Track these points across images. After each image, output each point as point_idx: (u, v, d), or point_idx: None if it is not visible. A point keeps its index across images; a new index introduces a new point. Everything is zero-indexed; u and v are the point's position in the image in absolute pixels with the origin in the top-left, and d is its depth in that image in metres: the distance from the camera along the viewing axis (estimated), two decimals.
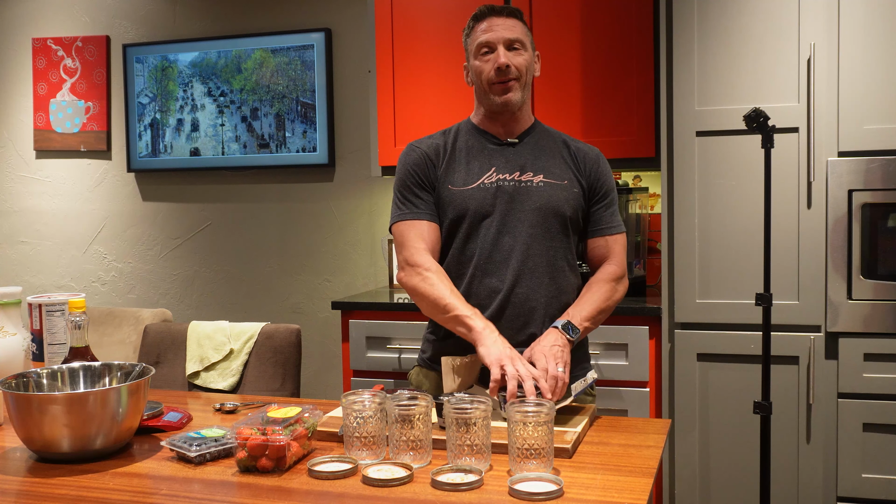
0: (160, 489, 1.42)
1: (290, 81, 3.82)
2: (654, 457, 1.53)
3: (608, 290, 1.94)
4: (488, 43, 1.92)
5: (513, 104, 1.94)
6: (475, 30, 1.96)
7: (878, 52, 2.48)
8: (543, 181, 1.94)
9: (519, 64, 1.92)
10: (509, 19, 1.93)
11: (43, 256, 4.35)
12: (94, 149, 4.20)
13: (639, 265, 3.13)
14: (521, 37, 1.93)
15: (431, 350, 2.02)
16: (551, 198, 1.93)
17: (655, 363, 2.78)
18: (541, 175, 1.95)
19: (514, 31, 1.92)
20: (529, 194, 1.93)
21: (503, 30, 1.92)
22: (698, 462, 2.71)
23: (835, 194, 2.53)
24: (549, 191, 1.93)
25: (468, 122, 2.05)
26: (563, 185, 1.95)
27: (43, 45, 4.24)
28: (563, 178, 1.96)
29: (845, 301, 2.54)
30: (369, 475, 1.41)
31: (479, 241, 1.93)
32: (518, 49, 1.93)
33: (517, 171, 1.95)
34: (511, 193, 1.92)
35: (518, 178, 1.94)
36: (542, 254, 1.92)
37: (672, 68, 2.68)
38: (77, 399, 1.54)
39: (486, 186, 1.93)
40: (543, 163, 1.97)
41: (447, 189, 1.95)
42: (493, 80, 1.92)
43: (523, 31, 1.95)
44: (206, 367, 2.67)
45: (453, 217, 1.94)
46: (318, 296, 3.90)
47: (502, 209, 1.92)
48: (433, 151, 1.99)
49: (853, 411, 2.55)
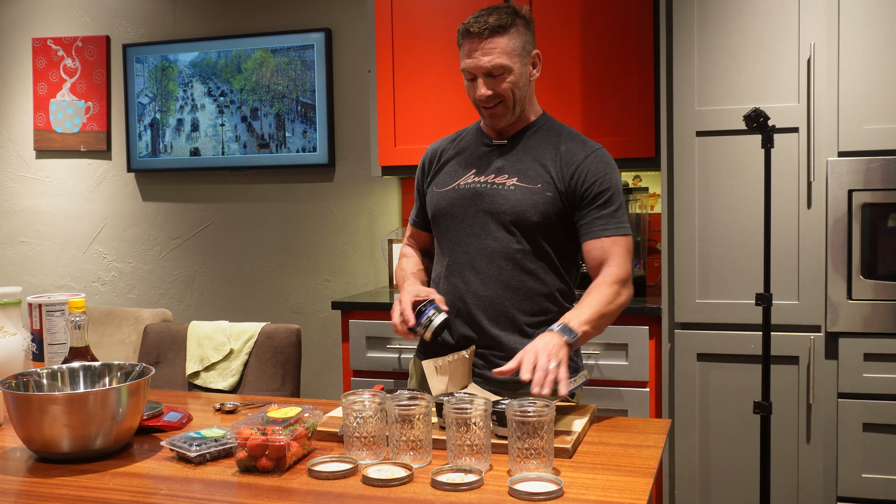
0: (160, 489, 1.42)
1: (290, 81, 3.82)
2: (654, 457, 1.53)
3: (610, 293, 1.82)
4: (469, 70, 1.88)
5: (500, 125, 1.94)
6: (462, 45, 1.89)
7: (878, 52, 2.49)
8: (516, 184, 1.89)
9: (503, 90, 1.87)
10: (491, 40, 1.83)
11: (43, 256, 4.35)
12: (94, 149, 4.20)
13: (639, 265, 3.14)
14: (502, 60, 1.83)
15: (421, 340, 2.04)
16: (519, 202, 1.87)
17: (655, 363, 2.78)
18: (515, 178, 1.90)
19: (494, 57, 1.83)
20: (496, 197, 1.90)
21: (483, 56, 1.84)
22: (698, 462, 2.71)
23: (835, 194, 2.53)
24: (517, 195, 1.88)
25: (477, 123, 2.06)
26: (536, 188, 1.88)
27: (43, 45, 4.24)
28: (536, 182, 1.88)
29: (845, 301, 2.54)
30: (369, 475, 1.41)
31: (449, 241, 1.96)
32: (501, 75, 1.85)
33: (493, 174, 1.93)
34: (481, 195, 1.91)
35: (492, 181, 1.92)
36: (508, 257, 1.89)
37: (672, 68, 2.68)
38: (77, 399, 1.54)
39: (461, 188, 1.94)
40: (522, 165, 1.92)
41: (432, 190, 2.02)
42: (479, 104, 1.92)
43: (507, 47, 1.84)
44: (206, 367, 2.67)
45: (431, 217, 2.02)
46: (318, 296, 3.90)
47: (470, 211, 1.92)
48: (431, 156, 2.07)
49: (853, 411, 2.55)
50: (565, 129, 1.99)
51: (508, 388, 1.84)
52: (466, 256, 1.92)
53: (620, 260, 1.87)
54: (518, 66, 1.87)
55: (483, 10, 1.89)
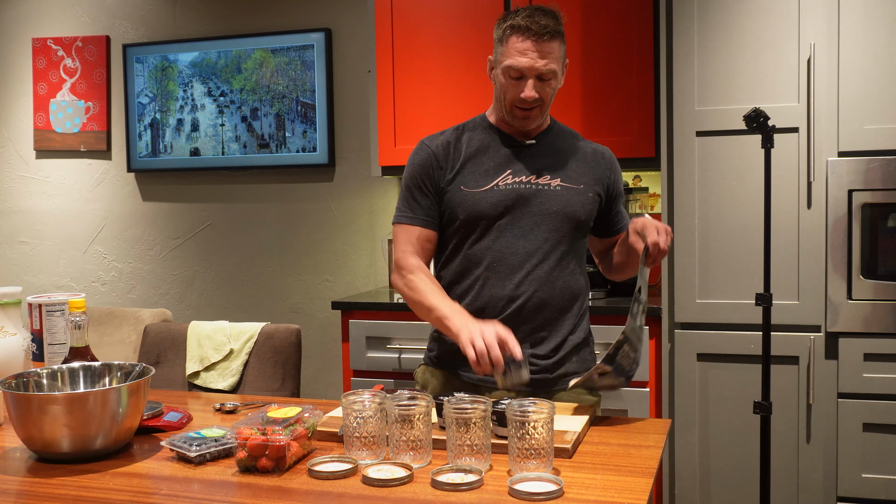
0: (160, 489, 1.42)
1: (290, 81, 3.82)
2: (654, 457, 1.53)
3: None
4: (520, 70, 1.83)
5: (530, 127, 1.93)
6: (510, 41, 1.83)
7: (878, 52, 2.48)
8: (560, 185, 1.92)
9: (546, 94, 1.87)
10: (549, 44, 1.82)
11: (43, 256, 4.35)
12: (94, 149, 4.20)
13: None
14: (555, 66, 1.83)
15: (438, 349, 2.01)
16: (568, 202, 1.92)
17: (655, 363, 2.78)
18: (558, 179, 1.93)
19: (550, 61, 1.82)
20: (546, 198, 1.91)
21: (540, 59, 1.81)
22: (698, 462, 2.71)
23: (835, 194, 2.53)
24: (566, 195, 1.92)
25: (483, 120, 2.01)
26: (580, 189, 1.94)
27: (43, 45, 4.24)
28: (579, 183, 1.94)
29: (845, 301, 2.54)
30: (369, 475, 1.41)
31: (491, 243, 1.90)
32: (549, 80, 1.85)
33: (534, 174, 1.92)
34: (527, 196, 1.90)
35: (535, 182, 1.92)
36: (557, 257, 1.91)
37: (672, 68, 2.68)
38: (77, 399, 1.54)
39: (502, 189, 1.90)
40: (561, 166, 1.95)
41: (460, 191, 1.91)
42: (515, 104, 1.88)
43: (559, 53, 1.85)
44: (206, 367, 2.67)
45: (465, 218, 1.90)
46: (318, 296, 3.90)
47: (518, 212, 1.90)
48: (442, 151, 1.95)
49: (853, 411, 2.55)
50: (572, 130, 2.07)
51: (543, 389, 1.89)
52: (515, 258, 1.89)
53: None
54: (560, 73, 1.89)
55: (531, 8, 1.84)
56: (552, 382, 1.93)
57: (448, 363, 1.98)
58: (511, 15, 1.86)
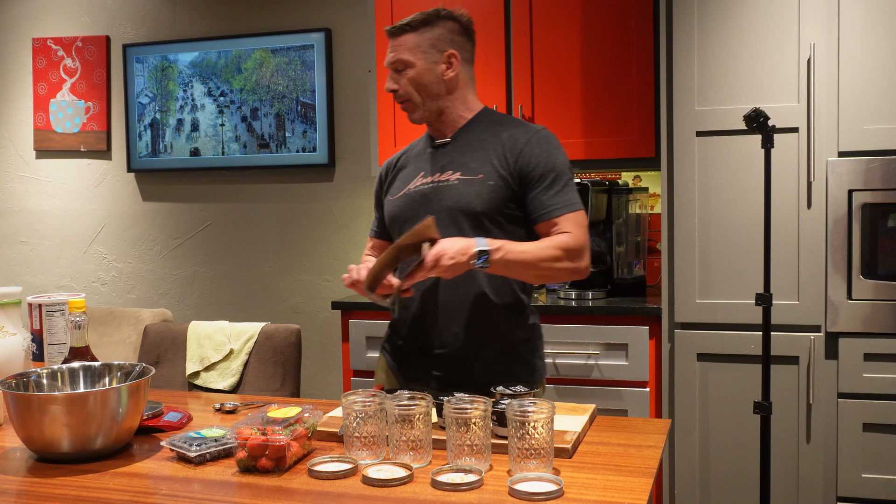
0: (160, 489, 1.42)
1: (290, 81, 3.82)
2: (654, 457, 1.53)
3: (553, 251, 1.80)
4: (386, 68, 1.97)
5: (417, 121, 1.98)
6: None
7: (878, 52, 2.48)
8: (459, 178, 1.91)
9: (403, 85, 1.92)
10: (399, 38, 1.92)
11: (43, 256, 4.35)
12: (94, 149, 4.20)
13: (639, 265, 3.14)
14: (404, 56, 1.90)
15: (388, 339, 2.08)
16: (462, 195, 1.88)
17: (655, 363, 2.78)
18: (458, 172, 1.91)
19: (397, 52, 1.91)
20: (443, 194, 1.91)
21: (390, 52, 1.93)
22: (698, 462, 2.71)
23: (835, 194, 2.53)
24: (460, 188, 1.89)
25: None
26: (477, 179, 1.88)
27: (43, 45, 4.24)
28: (477, 173, 1.88)
29: (845, 301, 2.54)
30: (369, 475, 1.41)
31: None
32: (402, 69, 1.91)
33: (438, 172, 1.94)
34: (428, 196, 1.93)
35: (437, 179, 1.93)
36: None
37: (672, 68, 2.68)
38: (77, 399, 1.54)
39: (411, 192, 1.96)
40: (465, 159, 1.92)
41: (388, 199, 2.04)
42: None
43: (412, 44, 1.90)
44: (206, 367, 2.67)
45: (388, 225, 2.05)
46: (318, 296, 3.90)
47: (422, 212, 1.91)
48: (387, 168, 2.10)
49: (853, 411, 2.55)
50: (507, 118, 2.00)
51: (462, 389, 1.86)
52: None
53: (576, 233, 1.84)
54: (421, 62, 1.90)
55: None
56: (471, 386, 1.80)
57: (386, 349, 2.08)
58: None
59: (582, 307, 2.88)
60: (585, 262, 1.85)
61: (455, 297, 1.90)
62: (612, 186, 3.04)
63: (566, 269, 1.83)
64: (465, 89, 1.96)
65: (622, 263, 3.06)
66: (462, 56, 1.94)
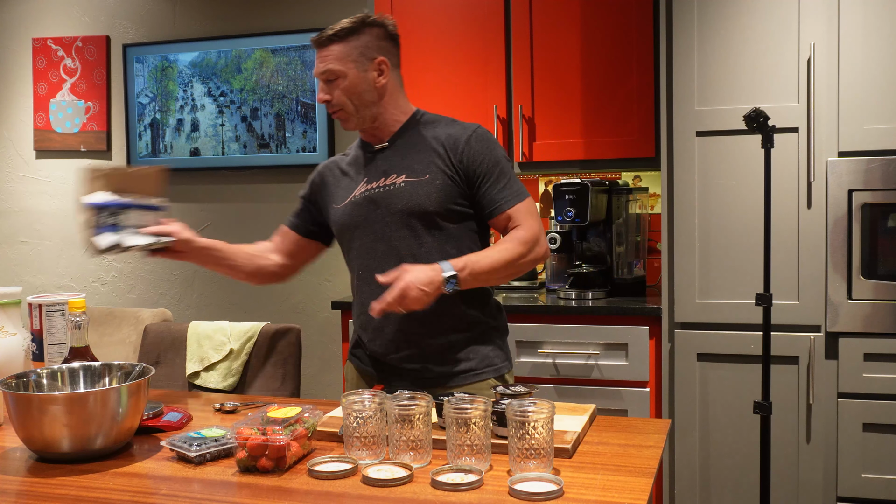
0: (160, 489, 1.42)
1: (290, 81, 3.82)
2: (654, 457, 1.53)
3: (509, 249, 1.84)
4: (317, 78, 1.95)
5: (352, 129, 1.97)
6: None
7: (878, 52, 2.49)
8: (405, 181, 1.91)
9: (336, 96, 1.91)
10: (326, 48, 1.91)
11: (43, 256, 4.35)
12: (94, 149, 4.20)
13: (639, 265, 3.14)
14: (333, 66, 1.89)
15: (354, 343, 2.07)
16: (412, 196, 1.89)
17: (655, 363, 2.78)
18: (403, 175, 1.92)
19: (326, 63, 1.90)
20: (391, 198, 1.91)
21: (319, 63, 1.91)
22: (698, 462, 2.71)
23: (835, 194, 2.53)
24: (409, 189, 1.90)
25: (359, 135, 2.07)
26: (425, 180, 1.89)
27: (43, 45, 4.24)
28: (423, 174, 1.90)
29: (845, 301, 2.54)
30: (369, 475, 1.41)
31: (357, 253, 1.97)
32: (334, 79, 1.91)
33: (382, 177, 1.94)
34: (376, 200, 1.92)
35: (383, 184, 1.93)
36: (414, 255, 1.89)
37: (672, 68, 2.68)
38: (77, 399, 1.54)
39: (356, 199, 1.95)
40: (408, 161, 1.93)
41: (332, 208, 2.01)
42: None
43: (340, 53, 1.90)
44: (207, 367, 2.67)
45: (336, 234, 2.03)
46: (318, 296, 3.90)
47: (370, 218, 1.92)
48: (328, 172, 2.06)
49: (853, 411, 2.55)
50: (441, 118, 2.01)
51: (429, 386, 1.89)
52: (375, 262, 1.92)
53: (528, 223, 1.89)
54: (352, 71, 1.90)
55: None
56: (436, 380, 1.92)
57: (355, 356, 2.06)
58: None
59: (582, 307, 2.88)
60: (544, 247, 1.91)
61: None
62: (612, 186, 3.04)
63: (529, 261, 1.89)
64: (397, 93, 1.98)
65: (622, 263, 3.06)
66: (391, 62, 1.96)
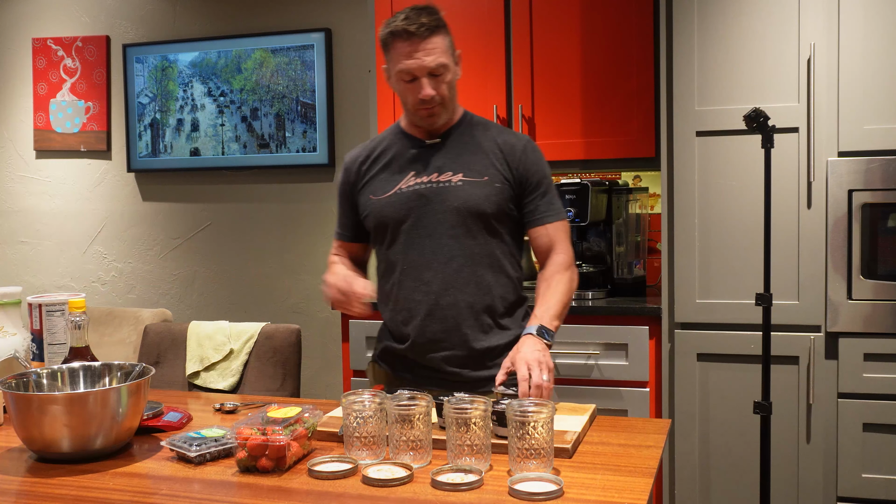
0: (160, 489, 1.42)
1: (290, 81, 3.82)
2: (654, 457, 1.53)
3: (566, 282, 1.91)
4: (412, 73, 1.85)
5: (437, 125, 1.94)
6: (395, 46, 1.86)
7: (878, 52, 2.48)
8: (462, 179, 1.90)
9: (443, 90, 1.88)
10: (430, 39, 1.83)
11: (43, 256, 4.35)
12: (94, 149, 4.20)
13: (639, 265, 3.14)
14: (443, 59, 1.85)
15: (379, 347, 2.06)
16: (469, 196, 1.89)
17: (655, 363, 2.78)
18: (460, 174, 1.91)
19: (436, 55, 1.84)
20: (447, 195, 1.90)
21: (426, 56, 1.83)
22: (698, 462, 2.71)
23: (835, 194, 2.53)
24: (467, 189, 1.89)
25: (396, 126, 2.04)
26: (483, 181, 1.90)
27: (43, 45, 4.24)
28: (482, 175, 1.90)
29: (845, 301, 2.54)
30: (369, 475, 1.41)
31: (401, 247, 1.93)
32: (441, 74, 1.86)
33: (435, 172, 1.92)
34: (428, 196, 1.90)
35: (436, 180, 1.91)
36: (465, 254, 1.89)
37: (672, 68, 2.68)
38: (77, 399, 1.54)
39: (403, 192, 1.92)
40: (465, 160, 1.93)
41: (369, 200, 1.97)
42: (419, 106, 1.90)
43: (444, 45, 1.86)
44: (206, 367, 2.67)
45: (374, 226, 1.97)
46: (318, 296, 3.90)
47: (421, 213, 1.90)
48: (356, 166, 2.02)
49: (853, 411, 2.55)
50: (491, 122, 2.03)
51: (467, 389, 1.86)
52: (422, 259, 1.90)
53: (565, 245, 1.96)
54: (452, 65, 1.90)
55: (408, 10, 1.87)
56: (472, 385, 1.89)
57: (388, 362, 2.03)
58: (391, 20, 1.88)
59: (582, 307, 2.88)
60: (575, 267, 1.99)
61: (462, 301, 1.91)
62: (612, 186, 3.04)
63: (576, 284, 1.97)
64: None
65: (622, 263, 3.06)
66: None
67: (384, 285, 2.00)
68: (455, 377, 1.92)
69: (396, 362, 2.00)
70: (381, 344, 2.04)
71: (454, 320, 1.90)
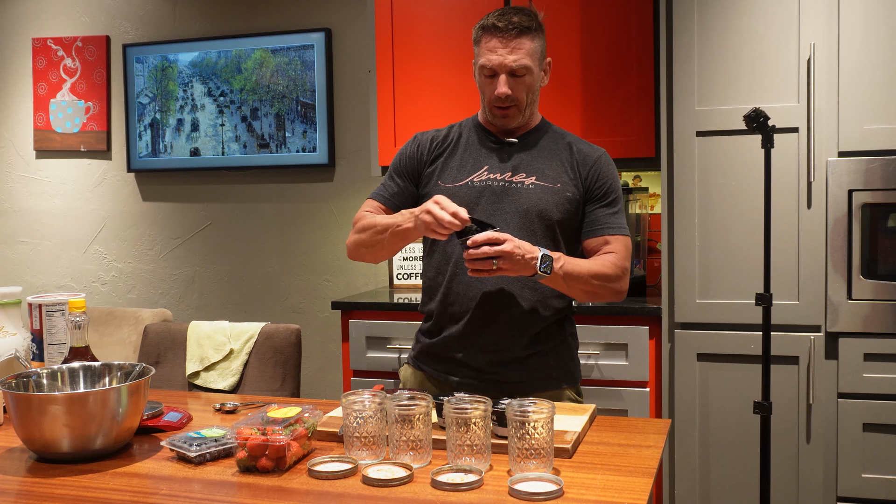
0: (160, 489, 1.42)
1: (290, 81, 3.82)
2: (654, 457, 1.53)
3: (607, 267, 1.87)
4: (492, 68, 1.86)
5: (510, 125, 1.94)
6: (482, 41, 1.88)
7: (878, 52, 2.48)
8: (535, 183, 1.91)
9: (520, 93, 1.88)
10: (518, 40, 1.84)
11: (43, 256, 4.35)
12: (94, 149, 4.20)
13: (639, 265, 3.14)
14: (526, 61, 1.85)
15: (419, 348, 2.03)
16: (540, 200, 1.89)
17: (655, 363, 2.78)
18: (533, 177, 1.92)
19: (519, 57, 1.84)
20: (518, 195, 1.90)
21: (508, 55, 1.84)
22: (698, 462, 2.71)
23: (835, 194, 2.53)
24: (538, 193, 1.90)
25: (474, 118, 2.04)
26: (556, 188, 1.91)
27: (43, 45, 4.24)
28: (556, 182, 1.92)
29: (845, 301, 2.54)
30: (369, 475, 1.41)
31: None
32: (522, 76, 1.87)
33: (509, 172, 1.93)
34: (499, 193, 1.91)
35: (509, 179, 1.92)
36: None
37: (672, 68, 2.68)
38: (77, 399, 1.54)
39: (475, 185, 1.92)
40: (539, 164, 1.94)
41: (437, 185, 1.95)
42: (493, 103, 1.90)
43: (531, 49, 1.86)
44: (206, 367, 2.67)
45: None
46: (318, 296, 3.90)
47: (487, 209, 1.90)
48: (428, 145, 2.00)
49: (853, 411, 2.55)
50: (568, 132, 2.03)
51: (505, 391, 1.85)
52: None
53: (622, 255, 1.92)
54: (536, 69, 1.90)
55: (506, 8, 1.89)
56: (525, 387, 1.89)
57: (424, 363, 2.01)
58: (486, 16, 1.89)
59: (582, 307, 2.88)
60: (626, 285, 1.92)
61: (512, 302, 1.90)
62: None
63: (612, 289, 1.90)
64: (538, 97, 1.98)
65: None
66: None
67: (434, 276, 1.97)
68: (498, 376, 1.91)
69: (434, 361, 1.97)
70: (421, 344, 2.02)
71: (503, 322, 1.89)
